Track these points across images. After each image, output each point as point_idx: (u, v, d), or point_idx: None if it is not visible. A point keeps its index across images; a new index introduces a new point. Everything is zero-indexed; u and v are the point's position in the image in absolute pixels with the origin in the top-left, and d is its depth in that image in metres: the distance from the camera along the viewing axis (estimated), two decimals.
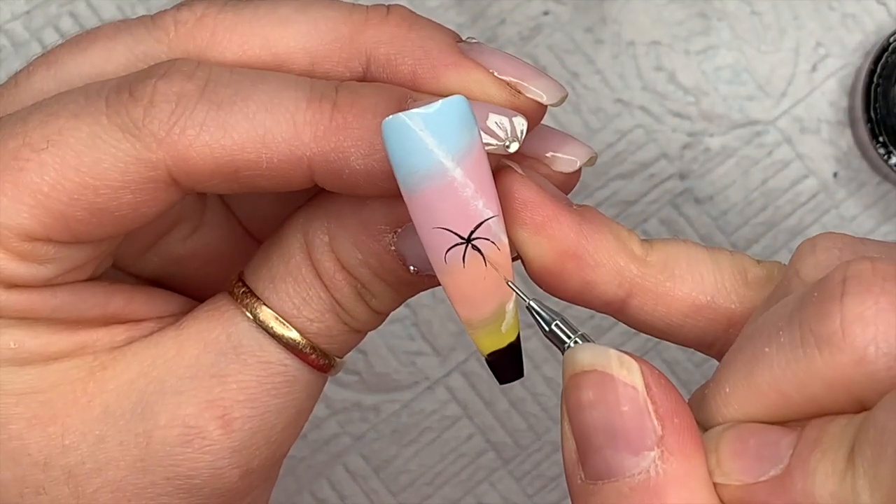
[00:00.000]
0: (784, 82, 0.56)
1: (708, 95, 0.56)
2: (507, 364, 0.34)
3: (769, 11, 0.57)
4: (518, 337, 0.33)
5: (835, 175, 0.56)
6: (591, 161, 0.35)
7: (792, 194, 0.56)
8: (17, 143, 0.32)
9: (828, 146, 0.56)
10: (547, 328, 0.32)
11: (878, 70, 0.54)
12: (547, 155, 0.35)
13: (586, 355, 0.30)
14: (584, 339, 0.32)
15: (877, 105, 0.54)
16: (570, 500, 0.56)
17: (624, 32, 0.57)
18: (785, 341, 0.28)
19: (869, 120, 0.54)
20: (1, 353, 0.33)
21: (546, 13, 0.57)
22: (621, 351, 0.30)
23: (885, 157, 0.54)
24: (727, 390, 0.30)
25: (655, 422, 0.29)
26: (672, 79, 0.56)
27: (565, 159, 0.35)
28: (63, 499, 0.33)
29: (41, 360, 0.33)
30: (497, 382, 0.34)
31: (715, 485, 0.29)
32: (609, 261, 0.33)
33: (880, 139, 0.54)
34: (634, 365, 0.29)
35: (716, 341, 0.34)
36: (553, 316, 0.32)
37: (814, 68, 0.56)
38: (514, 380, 0.34)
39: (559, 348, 0.32)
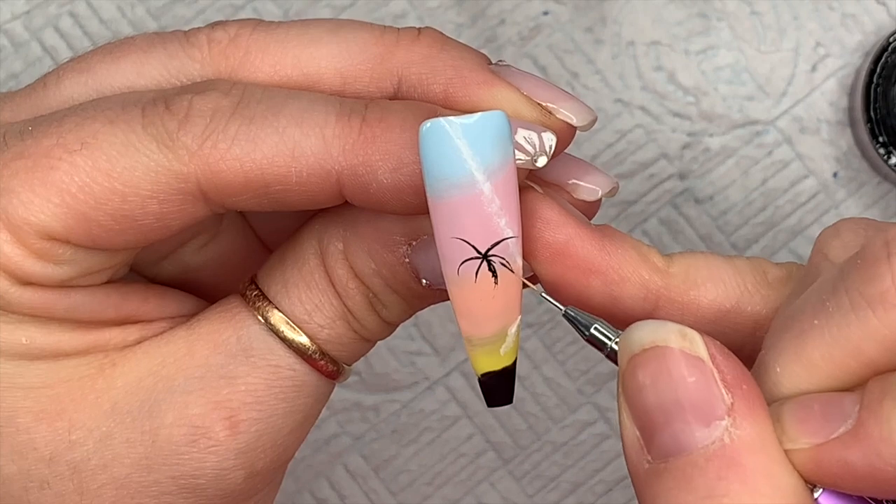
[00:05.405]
0: (784, 82, 0.57)
1: (708, 95, 0.56)
2: (498, 387, 0.34)
3: (769, 11, 0.57)
4: (514, 362, 0.33)
5: (835, 175, 0.56)
6: (613, 192, 0.35)
7: (792, 194, 0.56)
8: (51, 142, 0.32)
9: (828, 146, 0.57)
10: (586, 332, 0.32)
11: (878, 70, 0.54)
12: (569, 182, 0.35)
13: (645, 332, 0.30)
14: None
15: (877, 105, 0.54)
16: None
17: (624, 32, 0.57)
18: (833, 310, 0.29)
19: (869, 120, 0.54)
20: (12, 347, 0.33)
21: (546, 13, 0.57)
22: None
23: (885, 157, 0.54)
24: (778, 370, 0.30)
25: (724, 390, 0.29)
26: (672, 79, 0.56)
27: (587, 188, 0.35)
28: (67, 494, 0.33)
29: (52, 357, 0.33)
30: (485, 404, 0.34)
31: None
32: (633, 274, 0.33)
33: (880, 139, 0.54)
34: (696, 335, 0.30)
35: (743, 346, 0.34)
36: (591, 320, 0.32)
37: (814, 68, 0.57)
38: (502, 405, 0.34)
39: (601, 351, 0.32)
